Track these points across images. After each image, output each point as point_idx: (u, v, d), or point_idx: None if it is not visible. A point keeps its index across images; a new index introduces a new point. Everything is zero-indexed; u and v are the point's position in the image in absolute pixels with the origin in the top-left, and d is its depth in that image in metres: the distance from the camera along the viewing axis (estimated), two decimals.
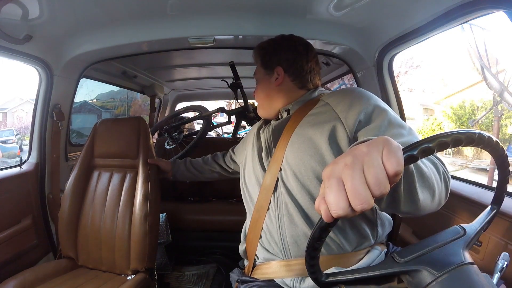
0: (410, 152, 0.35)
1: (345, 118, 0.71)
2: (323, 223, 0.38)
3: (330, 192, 0.35)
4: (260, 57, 0.93)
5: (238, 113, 1.83)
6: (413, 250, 0.42)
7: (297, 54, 0.88)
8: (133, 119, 1.32)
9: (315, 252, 0.42)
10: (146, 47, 1.31)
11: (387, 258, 0.44)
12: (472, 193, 0.92)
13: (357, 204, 0.33)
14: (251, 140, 0.95)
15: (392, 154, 0.34)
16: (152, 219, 1.16)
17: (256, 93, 0.95)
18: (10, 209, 1.23)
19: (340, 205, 0.34)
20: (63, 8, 0.99)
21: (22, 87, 14.41)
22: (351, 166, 0.35)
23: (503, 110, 4.41)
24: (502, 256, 0.49)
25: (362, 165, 0.34)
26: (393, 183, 0.34)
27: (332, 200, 0.34)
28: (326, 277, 0.45)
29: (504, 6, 0.66)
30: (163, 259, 1.61)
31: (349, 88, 0.80)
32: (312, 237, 0.40)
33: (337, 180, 0.35)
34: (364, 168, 0.34)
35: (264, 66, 0.91)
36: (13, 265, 1.18)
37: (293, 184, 0.75)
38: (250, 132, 1.04)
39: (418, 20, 0.92)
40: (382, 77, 1.23)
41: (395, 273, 0.42)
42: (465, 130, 0.37)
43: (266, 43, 0.93)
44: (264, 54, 0.92)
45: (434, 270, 0.39)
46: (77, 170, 1.26)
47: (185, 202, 1.96)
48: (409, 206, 0.46)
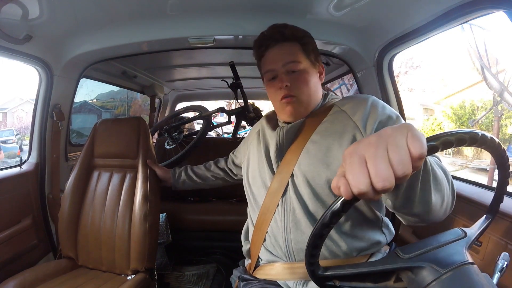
0: (434, 142, 0.36)
1: (364, 128, 0.70)
2: (337, 207, 0.37)
3: (352, 168, 0.35)
4: (307, 46, 0.80)
5: (238, 113, 1.83)
6: (417, 248, 0.42)
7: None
8: (133, 119, 1.32)
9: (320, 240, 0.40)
10: (146, 47, 1.31)
11: (390, 254, 0.44)
12: (472, 193, 0.92)
13: (379, 181, 0.33)
14: (255, 140, 0.89)
15: (416, 137, 0.34)
16: (152, 219, 1.16)
17: (298, 85, 0.77)
18: (10, 209, 1.23)
19: (362, 180, 0.33)
20: (63, 8, 0.99)
21: (22, 87, 14.41)
22: (375, 144, 0.35)
23: (503, 110, 4.41)
24: (502, 256, 0.49)
25: (386, 145, 0.34)
26: (415, 168, 0.34)
27: (355, 175, 0.34)
28: (324, 271, 0.44)
29: (504, 6, 0.66)
30: (163, 259, 1.61)
31: (362, 96, 0.76)
32: (321, 223, 0.39)
33: (360, 157, 0.35)
34: (388, 147, 0.34)
35: (308, 55, 0.79)
36: (13, 265, 1.18)
37: (304, 191, 0.73)
38: (252, 132, 0.98)
39: (418, 20, 0.92)
40: (382, 77, 1.23)
41: (398, 268, 0.41)
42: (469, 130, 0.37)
43: (304, 32, 0.81)
44: (311, 45, 0.81)
45: (439, 267, 0.38)
46: (77, 170, 1.26)
47: (185, 202, 1.96)
48: (421, 207, 0.46)
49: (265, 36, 0.81)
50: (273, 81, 0.80)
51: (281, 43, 0.79)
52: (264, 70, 0.83)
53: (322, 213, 0.39)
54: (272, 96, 0.82)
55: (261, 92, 2.75)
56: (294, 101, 0.78)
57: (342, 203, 0.37)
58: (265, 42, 0.81)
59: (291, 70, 0.78)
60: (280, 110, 0.82)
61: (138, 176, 1.21)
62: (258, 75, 0.90)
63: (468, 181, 1.04)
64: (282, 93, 0.78)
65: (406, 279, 0.42)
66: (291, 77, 0.77)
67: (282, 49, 0.79)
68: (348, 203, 0.36)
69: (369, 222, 0.73)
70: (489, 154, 0.43)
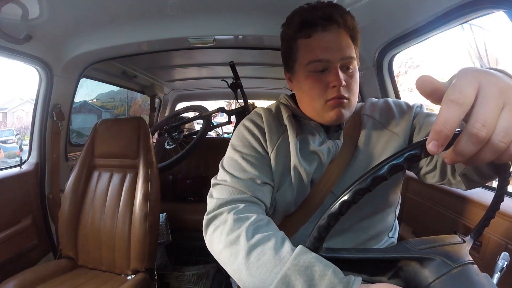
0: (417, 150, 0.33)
1: (400, 132, 0.64)
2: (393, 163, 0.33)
3: (487, 102, 0.27)
4: (355, 37, 0.65)
5: (238, 113, 1.84)
6: (426, 242, 0.42)
7: None
8: (133, 119, 1.32)
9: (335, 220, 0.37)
10: (146, 47, 1.31)
11: (399, 244, 0.43)
12: (471, 193, 0.92)
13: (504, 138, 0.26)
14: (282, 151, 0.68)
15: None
16: (152, 219, 1.16)
17: (353, 86, 0.64)
18: (10, 209, 1.23)
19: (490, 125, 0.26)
20: (63, 8, 0.99)
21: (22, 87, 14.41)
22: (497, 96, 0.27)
23: None
24: (502, 256, 0.49)
25: (505, 102, 0.27)
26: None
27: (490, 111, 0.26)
28: (326, 252, 0.42)
29: (504, 6, 0.66)
30: (163, 259, 1.61)
31: (395, 102, 0.70)
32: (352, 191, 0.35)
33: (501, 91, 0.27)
34: (505, 105, 0.27)
35: (356, 52, 0.65)
36: (13, 265, 1.18)
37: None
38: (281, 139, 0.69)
39: (418, 20, 0.92)
40: (382, 77, 1.23)
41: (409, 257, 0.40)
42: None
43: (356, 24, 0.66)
44: (356, 36, 0.66)
45: (450, 261, 0.38)
46: (77, 170, 1.26)
47: (185, 202, 1.96)
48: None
49: (317, 12, 0.62)
50: (322, 74, 0.63)
51: (337, 29, 0.62)
52: (311, 57, 0.62)
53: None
54: (316, 92, 0.64)
55: (261, 92, 2.75)
56: (344, 105, 0.63)
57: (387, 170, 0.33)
58: (317, 20, 0.61)
59: (346, 67, 0.63)
60: (322, 112, 0.65)
61: (138, 176, 1.21)
62: (258, 75, 0.86)
63: None
64: (335, 93, 0.62)
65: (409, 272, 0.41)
66: (346, 75, 0.62)
67: (339, 38, 0.62)
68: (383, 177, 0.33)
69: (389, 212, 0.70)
70: None
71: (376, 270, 0.43)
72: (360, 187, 0.35)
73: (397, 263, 0.42)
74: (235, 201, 0.59)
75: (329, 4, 0.63)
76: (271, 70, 2.02)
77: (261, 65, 1.93)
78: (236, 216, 0.54)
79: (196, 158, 2.09)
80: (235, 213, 0.55)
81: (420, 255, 0.40)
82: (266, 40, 1.25)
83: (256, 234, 0.50)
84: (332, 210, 0.37)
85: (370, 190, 0.35)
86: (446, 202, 0.99)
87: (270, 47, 1.31)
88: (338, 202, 0.36)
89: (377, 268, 0.43)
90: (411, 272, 0.41)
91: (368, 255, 0.42)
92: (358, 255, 0.42)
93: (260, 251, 0.47)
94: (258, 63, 1.90)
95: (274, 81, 2.33)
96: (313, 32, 0.62)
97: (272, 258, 0.45)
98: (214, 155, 2.05)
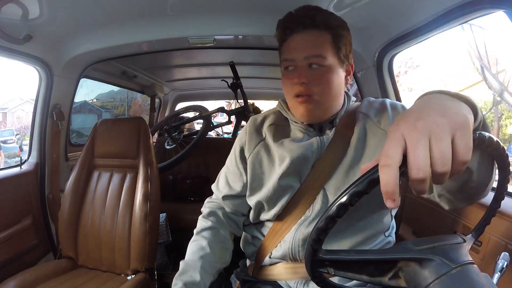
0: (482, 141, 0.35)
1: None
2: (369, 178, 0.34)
3: (389, 146, 0.31)
4: (338, 39, 0.67)
5: (238, 113, 1.84)
6: (425, 242, 0.41)
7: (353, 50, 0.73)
8: (133, 119, 1.32)
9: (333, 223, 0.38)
10: (146, 47, 1.31)
11: (398, 244, 0.43)
12: None
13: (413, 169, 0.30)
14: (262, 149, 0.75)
15: (464, 139, 0.31)
16: (152, 219, 1.16)
17: (319, 83, 0.66)
18: (10, 209, 1.23)
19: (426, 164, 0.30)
20: (63, 8, 0.99)
21: (22, 87, 14.40)
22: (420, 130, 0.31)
23: (503, 110, 4.41)
24: (502, 256, 0.49)
25: (430, 134, 0.31)
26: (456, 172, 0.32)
27: (421, 155, 0.30)
28: (325, 253, 0.42)
29: (504, 6, 0.66)
30: (163, 259, 1.61)
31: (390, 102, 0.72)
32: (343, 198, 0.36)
33: (400, 136, 0.31)
34: (431, 138, 0.31)
35: (337, 50, 0.67)
36: (13, 265, 1.18)
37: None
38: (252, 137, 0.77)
39: (418, 20, 0.92)
40: (382, 77, 1.23)
41: (408, 258, 0.40)
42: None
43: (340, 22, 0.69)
44: (343, 38, 0.68)
45: (449, 261, 0.38)
46: (77, 170, 1.26)
47: (185, 202, 1.96)
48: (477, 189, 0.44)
49: (293, 18, 0.68)
50: (289, 71, 0.69)
51: (309, 29, 0.66)
52: (283, 57, 0.70)
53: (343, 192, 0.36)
54: (286, 89, 0.70)
55: (261, 92, 2.75)
56: (310, 101, 0.66)
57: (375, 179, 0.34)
58: (290, 24, 0.67)
59: (314, 65, 0.66)
60: (294, 108, 0.71)
61: (138, 176, 1.21)
62: (258, 75, 0.88)
63: None
64: (297, 90, 0.66)
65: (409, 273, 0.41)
66: (312, 73, 0.65)
67: (308, 38, 0.66)
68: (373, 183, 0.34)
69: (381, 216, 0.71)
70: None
71: (376, 271, 0.43)
72: (357, 189, 0.35)
73: (396, 264, 0.42)
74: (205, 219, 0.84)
75: (307, 7, 0.68)
76: (271, 70, 2.02)
77: (261, 65, 1.93)
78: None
79: (196, 158, 2.09)
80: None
81: (419, 256, 0.40)
82: (266, 40, 1.25)
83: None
84: (329, 213, 0.37)
85: (367, 193, 0.35)
86: None
87: (270, 47, 1.31)
88: (336, 204, 0.37)
89: (376, 269, 0.43)
90: (411, 272, 0.40)
91: (367, 257, 0.42)
92: (357, 257, 0.42)
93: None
94: (258, 63, 1.90)
95: (274, 81, 2.33)
96: (288, 36, 0.68)
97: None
98: (214, 155, 2.05)
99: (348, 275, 0.42)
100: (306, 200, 0.69)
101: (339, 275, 0.42)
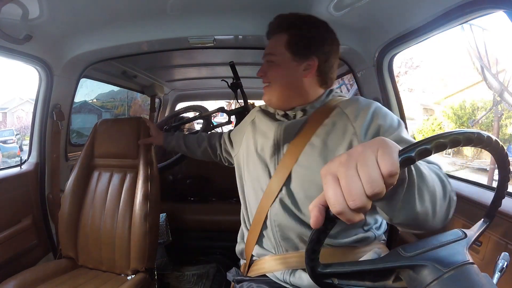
0: (407, 154, 0.35)
1: (363, 135, 0.69)
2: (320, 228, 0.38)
3: (327, 188, 0.35)
4: (290, 36, 0.77)
5: (238, 113, 1.83)
6: (418, 246, 0.42)
7: (333, 48, 0.79)
8: (133, 119, 1.32)
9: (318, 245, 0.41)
10: (146, 47, 1.31)
11: (391, 252, 0.44)
12: (472, 193, 0.92)
13: (350, 201, 0.33)
14: (251, 133, 0.87)
15: (387, 154, 0.34)
16: (152, 219, 1.16)
17: (269, 75, 0.80)
18: (10, 209, 1.23)
19: (338, 201, 0.34)
20: (63, 8, 0.99)
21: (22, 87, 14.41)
22: (346, 164, 0.35)
23: (503, 110, 4.41)
24: (502, 256, 0.49)
25: (356, 164, 0.34)
26: (389, 185, 0.34)
27: (330, 196, 0.35)
28: (324, 268, 0.43)
29: (504, 6, 0.66)
30: (163, 259, 1.61)
31: (366, 101, 0.75)
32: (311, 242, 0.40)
33: (333, 176, 0.35)
34: (358, 166, 0.34)
35: (293, 49, 0.77)
36: (13, 265, 1.18)
37: (300, 194, 0.73)
38: (245, 122, 0.95)
39: (418, 20, 0.92)
40: (382, 77, 1.22)
41: (400, 266, 0.41)
42: (464, 130, 0.37)
43: (300, 20, 0.78)
44: (297, 35, 0.77)
45: (440, 266, 0.38)
46: (77, 170, 1.26)
47: (185, 202, 1.96)
48: (405, 218, 0.46)
49: (268, 27, 0.84)
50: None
51: (273, 34, 0.81)
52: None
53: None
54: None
55: (261, 92, 2.75)
56: (266, 89, 0.83)
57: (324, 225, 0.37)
58: (267, 34, 0.85)
59: (268, 62, 0.82)
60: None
61: (138, 176, 1.21)
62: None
63: (468, 181, 1.04)
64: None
65: (406, 278, 0.41)
66: (267, 67, 0.82)
67: (270, 41, 0.83)
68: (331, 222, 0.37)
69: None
70: (489, 154, 0.42)
71: (377, 277, 0.44)
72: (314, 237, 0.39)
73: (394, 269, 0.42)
74: None
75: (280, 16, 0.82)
76: None
77: (261, 65, 1.92)
78: None
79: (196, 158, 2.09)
80: None
81: (410, 263, 0.40)
82: (266, 40, 1.24)
83: None
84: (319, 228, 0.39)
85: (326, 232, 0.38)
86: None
87: None
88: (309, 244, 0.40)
89: (376, 275, 0.43)
90: (407, 278, 0.41)
91: (361, 267, 0.43)
92: (352, 268, 0.43)
93: None
94: (258, 63, 1.89)
95: None
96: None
97: None
98: None
99: (352, 283, 0.43)
100: (280, 176, 0.75)
101: (343, 283, 0.44)
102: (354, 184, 0.34)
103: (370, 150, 0.35)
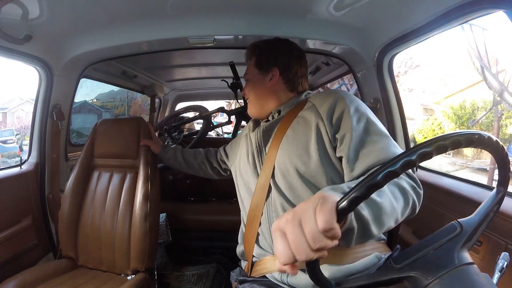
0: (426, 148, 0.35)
1: (326, 119, 0.74)
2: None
3: (276, 244, 0.39)
4: (256, 56, 0.94)
5: (238, 113, 1.84)
6: (409, 255, 0.42)
7: (293, 58, 0.92)
8: (133, 119, 1.32)
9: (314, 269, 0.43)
10: (146, 47, 1.31)
11: (384, 265, 0.45)
12: (472, 193, 0.92)
13: (297, 255, 0.37)
14: (244, 142, 0.96)
15: (321, 212, 0.37)
16: (152, 219, 1.16)
17: (247, 92, 0.96)
18: (10, 209, 1.23)
19: (285, 254, 0.37)
20: (63, 8, 0.99)
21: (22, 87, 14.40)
22: (291, 221, 0.38)
23: (503, 110, 4.40)
24: (502, 256, 0.49)
25: (300, 221, 0.38)
26: (333, 238, 0.37)
27: (278, 250, 0.38)
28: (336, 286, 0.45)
29: (504, 6, 0.66)
30: (163, 259, 1.61)
31: (333, 90, 0.83)
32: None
33: (281, 233, 0.39)
34: (302, 223, 0.38)
35: (258, 66, 0.93)
36: (13, 265, 1.18)
37: (282, 183, 0.77)
38: (241, 134, 1.05)
39: (418, 20, 0.92)
40: (382, 77, 1.22)
41: (391, 279, 0.42)
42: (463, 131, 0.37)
43: (263, 43, 0.95)
44: (260, 54, 0.93)
45: (426, 276, 0.39)
46: (77, 170, 1.26)
47: (185, 202, 1.96)
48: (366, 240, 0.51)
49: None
50: None
51: (247, 62, 0.99)
52: None
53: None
54: None
55: None
56: (249, 102, 0.96)
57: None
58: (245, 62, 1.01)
59: (247, 80, 0.97)
60: None
61: (139, 176, 1.21)
62: None
63: (468, 181, 1.04)
64: None
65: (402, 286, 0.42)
66: (247, 85, 0.97)
67: (247, 66, 0.99)
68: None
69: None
70: (489, 154, 0.42)
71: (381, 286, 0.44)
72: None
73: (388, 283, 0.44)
74: None
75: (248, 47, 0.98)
76: None
77: None
78: None
79: None
80: None
81: (399, 276, 0.42)
82: None
83: None
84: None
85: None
86: (446, 202, 0.99)
87: None
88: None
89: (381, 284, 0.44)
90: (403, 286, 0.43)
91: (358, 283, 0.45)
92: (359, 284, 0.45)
93: None
94: None
95: None
96: None
97: None
98: None
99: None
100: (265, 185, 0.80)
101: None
102: (299, 240, 0.37)
103: (311, 206, 0.38)
